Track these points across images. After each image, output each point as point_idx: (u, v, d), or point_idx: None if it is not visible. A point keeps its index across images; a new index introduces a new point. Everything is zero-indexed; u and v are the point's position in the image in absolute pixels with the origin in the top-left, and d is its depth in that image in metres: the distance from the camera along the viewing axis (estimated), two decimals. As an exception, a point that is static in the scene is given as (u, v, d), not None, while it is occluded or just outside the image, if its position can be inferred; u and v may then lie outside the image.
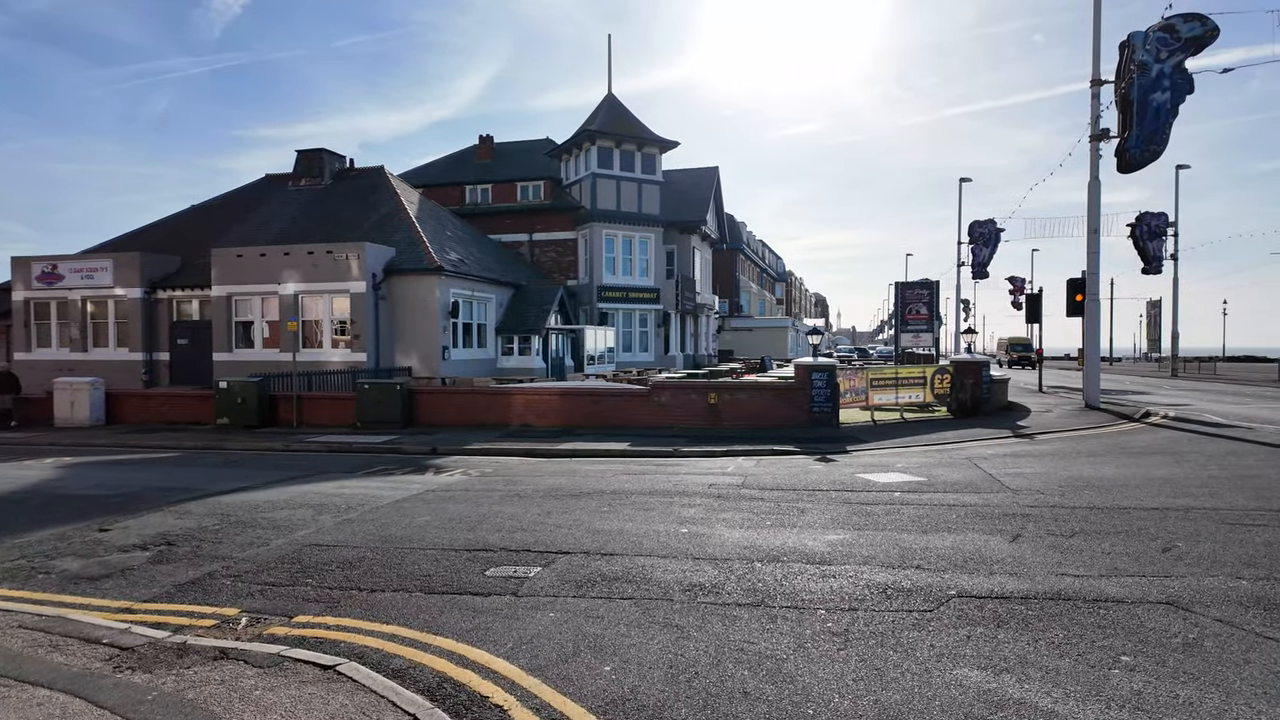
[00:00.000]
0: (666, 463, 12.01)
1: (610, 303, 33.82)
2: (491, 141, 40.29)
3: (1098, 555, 6.04)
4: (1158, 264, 38.92)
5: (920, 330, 35.67)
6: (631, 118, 34.70)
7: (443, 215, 31.20)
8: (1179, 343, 47.08)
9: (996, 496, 8.62)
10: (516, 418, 16.76)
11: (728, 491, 9.19)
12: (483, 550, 6.68)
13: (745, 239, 67.00)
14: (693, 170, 42.08)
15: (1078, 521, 7.20)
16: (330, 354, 24.04)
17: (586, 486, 9.67)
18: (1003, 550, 6.29)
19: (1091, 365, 21.10)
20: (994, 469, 10.65)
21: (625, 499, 8.76)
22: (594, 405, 16.45)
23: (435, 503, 8.85)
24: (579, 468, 11.48)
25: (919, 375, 18.99)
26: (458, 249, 27.69)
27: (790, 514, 7.85)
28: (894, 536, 6.83)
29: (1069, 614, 4.77)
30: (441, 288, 24.38)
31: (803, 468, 11.16)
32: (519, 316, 28.33)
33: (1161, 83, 18.13)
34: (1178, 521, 7.11)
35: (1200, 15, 17.92)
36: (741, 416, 16.23)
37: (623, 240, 34.10)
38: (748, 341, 58.88)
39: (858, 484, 9.64)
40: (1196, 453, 11.65)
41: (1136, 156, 18.60)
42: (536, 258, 34.93)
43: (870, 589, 5.38)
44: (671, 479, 10.21)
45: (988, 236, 43.17)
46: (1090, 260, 20.57)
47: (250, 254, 24.62)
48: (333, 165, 31.73)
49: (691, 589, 5.47)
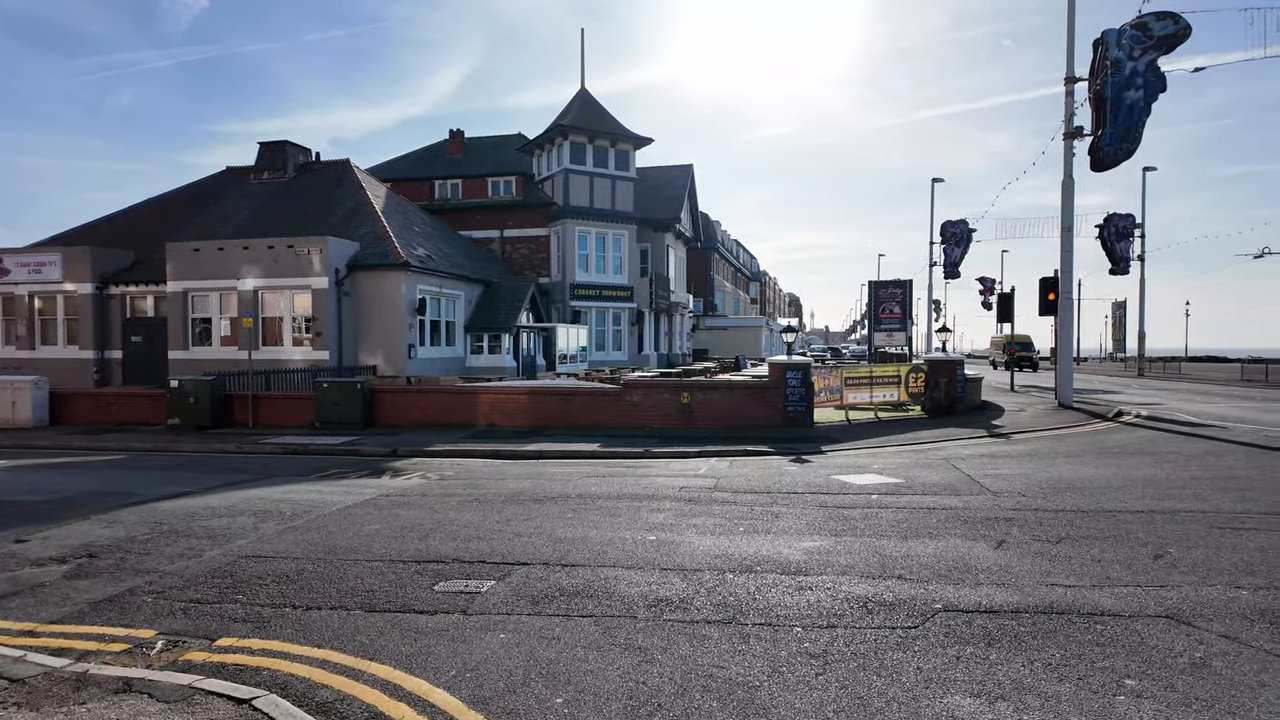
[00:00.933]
0: (637, 464, 11.57)
1: (583, 301, 33.30)
2: (462, 136, 39.52)
3: (1088, 563, 5.71)
4: (1125, 264, 39.41)
5: (893, 329, 35.67)
6: (605, 113, 34.20)
7: (410, 210, 30.45)
8: (1145, 343, 47.79)
9: (977, 499, 8.31)
10: (483, 418, 16.21)
11: (699, 495, 8.77)
12: (433, 562, 6.18)
13: (720, 238, 66.82)
14: (667, 168, 41.68)
15: (1063, 526, 6.89)
16: (291, 352, 23.24)
17: (551, 490, 9.19)
18: (988, 558, 5.93)
19: (1065, 364, 21.06)
20: (972, 470, 10.36)
21: (591, 504, 8.30)
22: (563, 405, 15.95)
23: (388, 509, 8.31)
24: (545, 470, 10.99)
25: (893, 374, 18.77)
26: (425, 245, 26.99)
27: (764, 519, 7.45)
28: (873, 543, 6.45)
29: (1064, 630, 4.41)
30: (408, 284, 23.70)
31: (777, 469, 10.79)
32: (489, 314, 27.70)
33: (1135, 81, 18.09)
34: (1166, 525, 6.82)
35: (1173, 14, 17.91)
36: (715, 416, 15.85)
37: (596, 237, 33.59)
38: (722, 341, 58.65)
39: (834, 486, 9.28)
40: (1175, 453, 11.48)
41: (1110, 155, 18.55)
42: (508, 255, 34.28)
43: (850, 603, 4.98)
44: (641, 482, 9.77)
45: (959, 237, 43.38)
46: (1064, 258, 20.51)
47: (208, 248, 23.73)
48: (296, 158, 30.82)
49: (658, 604, 5.02)
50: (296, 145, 30.92)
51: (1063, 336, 21.38)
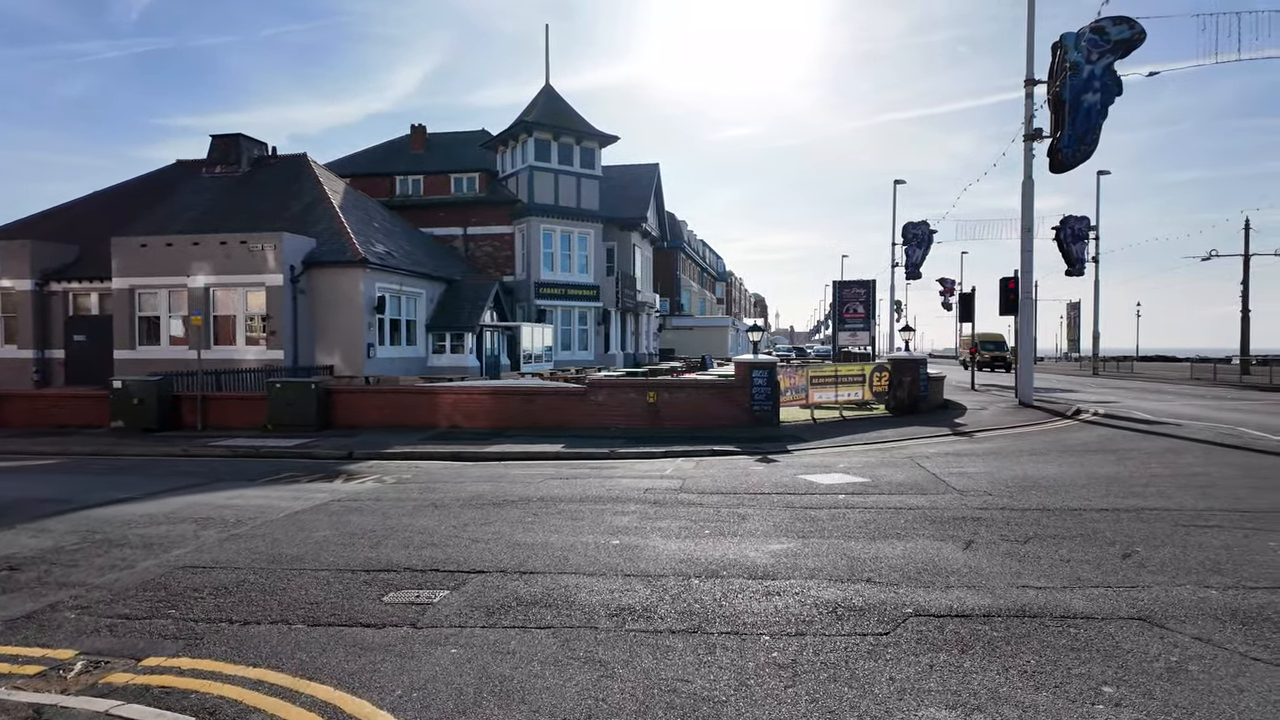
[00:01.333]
0: (602, 465, 11.32)
1: (548, 300, 32.93)
2: (424, 132, 38.81)
3: (1057, 563, 5.62)
4: (1080, 266, 40.27)
5: (857, 329, 35.95)
6: (570, 110, 33.86)
7: (370, 206, 29.76)
8: (1099, 343, 48.98)
9: (944, 498, 8.23)
10: (444, 419, 15.80)
11: (665, 497, 8.55)
12: (384, 571, 5.86)
13: (686, 238, 66.82)
14: (633, 166, 41.46)
15: (1031, 525, 6.82)
16: (245, 352, 22.52)
17: (512, 493, 8.89)
18: (957, 559, 5.82)
19: (1025, 363, 21.35)
20: (938, 468, 10.33)
21: (553, 507, 8.03)
22: (527, 405, 15.63)
23: (339, 514, 7.94)
24: (506, 472, 10.68)
25: (858, 373, 18.81)
26: (385, 241, 26.38)
27: (730, 521, 7.26)
28: (841, 545, 6.30)
29: (1037, 634, 4.28)
30: (366, 281, 23.11)
31: (744, 469, 10.63)
32: (451, 313, 27.19)
33: (1093, 84, 18.38)
34: (1132, 523, 6.80)
35: (1129, 19, 18.24)
36: (681, 416, 15.67)
37: (561, 235, 33.24)
38: (689, 340, 58.64)
39: (800, 486, 9.15)
40: (1135, 450, 11.61)
41: (1069, 156, 18.83)
42: (471, 252, 33.73)
43: (819, 608, 4.80)
44: (605, 483, 9.53)
45: (921, 238, 43.92)
46: (1024, 258, 20.79)
47: (155, 244, 22.85)
48: (251, 152, 29.91)
49: (620, 613, 4.79)
50: (251, 139, 30.00)
51: (1023, 336, 21.69)
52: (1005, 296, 23.86)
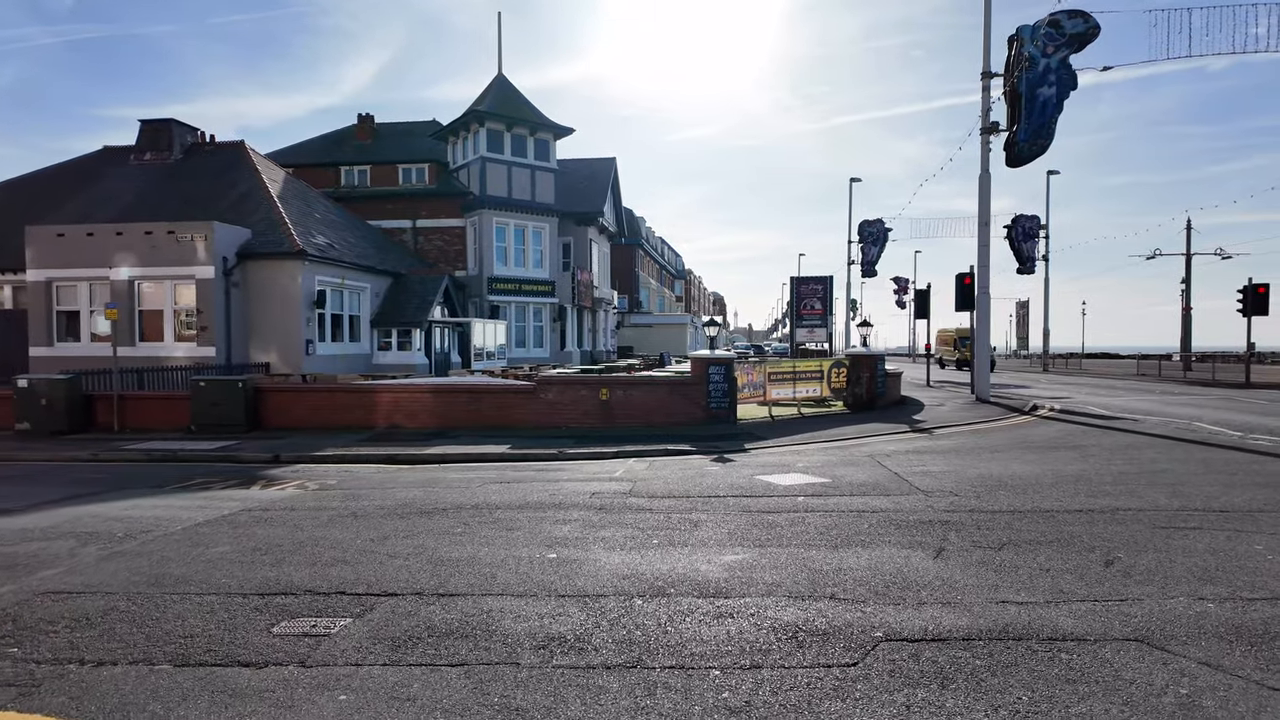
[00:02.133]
0: (548, 467, 10.60)
1: (502, 295, 31.97)
2: (372, 121, 37.46)
3: (1036, 573, 5.12)
4: (1031, 264, 40.97)
5: (815, 325, 35.80)
6: (524, 100, 32.93)
7: (312, 196, 28.44)
8: (1049, 340, 49.90)
9: (908, 500, 7.74)
10: (383, 419, 14.87)
11: (612, 501, 7.88)
12: (281, 594, 5.07)
13: (644, 235, 66.24)
14: (589, 160, 40.69)
15: (1003, 529, 6.34)
16: (173, 349, 21.17)
17: (445, 500, 8.12)
18: (928, 569, 5.28)
19: (982, 359, 21.24)
20: (899, 467, 9.87)
21: (487, 515, 7.29)
22: (473, 404, 14.80)
23: (246, 526, 7.08)
24: (443, 476, 9.88)
25: (816, 369, 18.42)
26: (327, 233, 25.17)
27: (682, 528, 6.63)
28: (801, 554, 5.72)
29: (1026, 662, 3.73)
30: (305, 274, 21.94)
31: (698, 470, 10.03)
32: (398, 308, 26.10)
33: (1048, 77, 18.28)
34: (1107, 526, 6.37)
35: (1083, 12, 18.18)
36: (635, 414, 15.02)
37: (515, 229, 32.30)
38: (647, 338, 58.09)
39: (758, 488, 8.57)
40: (1096, 446, 11.34)
41: (1025, 150, 18.72)
42: (421, 246, 32.58)
43: (777, 633, 4.19)
44: (549, 487, 8.82)
45: (876, 236, 44.11)
46: (980, 253, 20.66)
47: (75, 233, 21.34)
48: (184, 138, 28.33)
49: (548, 645, 4.10)
50: (184, 124, 28.42)
51: (980, 331, 21.58)
52: (961, 292, 23.78)
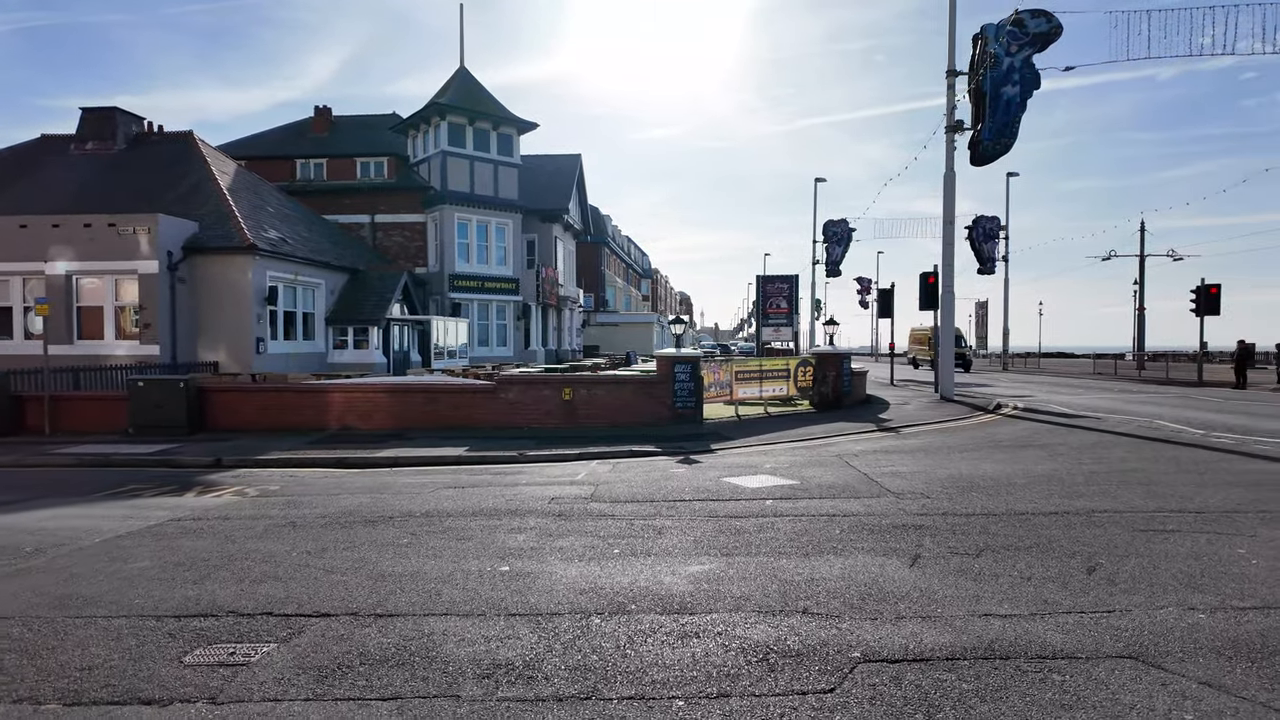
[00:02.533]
0: (506, 470, 10.14)
1: (464, 293, 31.25)
2: (329, 114, 36.40)
3: (1018, 582, 4.85)
4: (991, 264, 41.57)
5: (780, 324, 35.72)
6: (486, 94, 32.25)
7: (265, 190, 27.45)
8: (1009, 339, 50.69)
9: (879, 502, 7.47)
10: (335, 420, 14.24)
11: (573, 507, 7.47)
12: (200, 616, 4.57)
13: (611, 233, 65.79)
14: (554, 156, 40.10)
15: (978, 534, 6.08)
16: (115, 347, 20.18)
17: (393, 508, 7.63)
18: (904, 578, 4.98)
19: (946, 358, 21.27)
20: (868, 468, 9.63)
21: (438, 524, 6.83)
22: (430, 404, 14.24)
23: (172, 538, 6.52)
24: (394, 481, 9.37)
25: (782, 368, 18.21)
26: (280, 227, 24.27)
27: (645, 536, 6.25)
28: (771, 564, 5.38)
29: (1016, 685, 3.43)
30: (256, 270, 21.08)
31: (664, 472, 9.66)
32: (355, 305, 25.29)
33: (1012, 76, 18.32)
34: (1085, 529, 6.15)
35: (1046, 12, 18.26)
36: (599, 414, 14.62)
37: (477, 225, 31.60)
38: (613, 337, 57.65)
39: (725, 491, 8.24)
40: (1064, 445, 11.25)
41: (989, 148, 18.74)
42: (380, 242, 31.72)
43: (747, 654, 3.83)
44: (507, 492, 8.37)
45: (840, 236, 44.32)
46: (945, 251, 20.68)
47: (7, 225, 20.20)
48: (129, 128, 27.12)
49: (493, 673, 3.69)
50: (128, 113, 27.21)
51: (944, 329, 21.61)
52: (926, 291, 23.84)
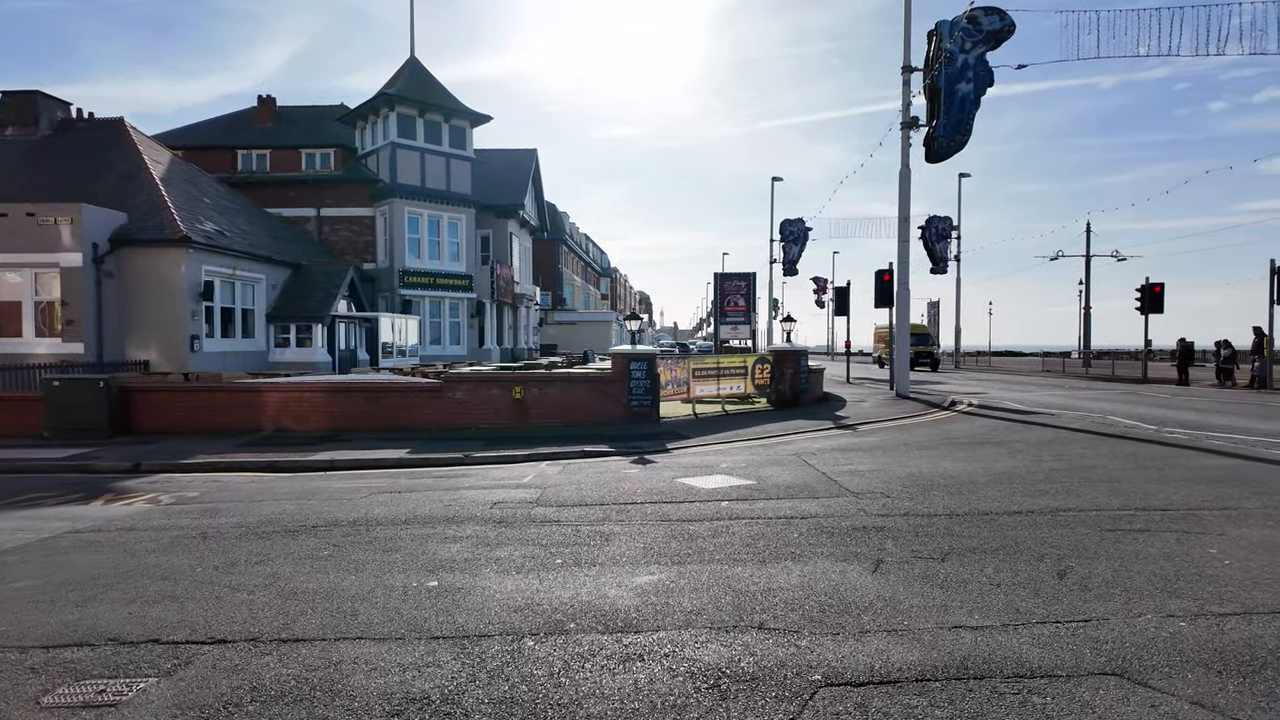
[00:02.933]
0: (450, 474, 9.58)
1: (415, 289, 30.35)
2: (274, 103, 35.02)
3: (987, 589, 4.53)
4: (944, 264, 42.18)
5: (739, 322, 35.59)
6: (438, 85, 31.38)
7: (203, 181, 26.21)
8: (961, 338, 51.52)
9: (839, 502, 7.15)
10: (270, 421, 13.45)
11: (515, 513, 6.98)
12: (75, 645, 3.97)
13: (569, 230, 65.10)
14: (509, 151, 39.30)
15: (943, 536, 5.78)
16: (35, 344, 18.96)
17: (319, 515, 7.03)
18: (867, 586, 4.62)
19: (902, 355, 21.28)
20: (826, 467, 9.33)
21: (365, 533, 6.27)
22: (372, 404, 13.55)
23: (65, 553, 5.84)
24: (326, 486, 8.74)
25: (740, 365, 17.93)
26: (218, 219, 23.14)
27: (591, 543, 5.80)
28: (725, 572, 4.98)
29: (994, 709, 3.07)
30: (190, 264, 20.01)
31: (616, 473, 9.22)
32: (298, 302, 24.27)
33: (966, 73, 18.35)
34: (1051, 529, 5.90)
35: (999, 10, 18.33)
36: (552, 413, 14.11)
37: (429, 220, 30.73)
38: (571, 335, 57.01)
39: (679, 492, 7.83)
40: (1021, 442, 11.14)
41: (944, 145, 18.75)
42: (326, 236, 30.62)
43: (696, 681, 3.41)
44: (446, 497, 7.83)
45: (797, 235, 44.51)
46: (901, 249, 20.66)
47: (-87, 213, 18.76)
48: (53, 113, 25.61)
49: (404, 710, 3.20)
50: (53, 98, 25.70)
51: (900, 327, 21.62)
52: (881, 289, 23.89)
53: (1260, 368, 23.04)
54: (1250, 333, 23.92)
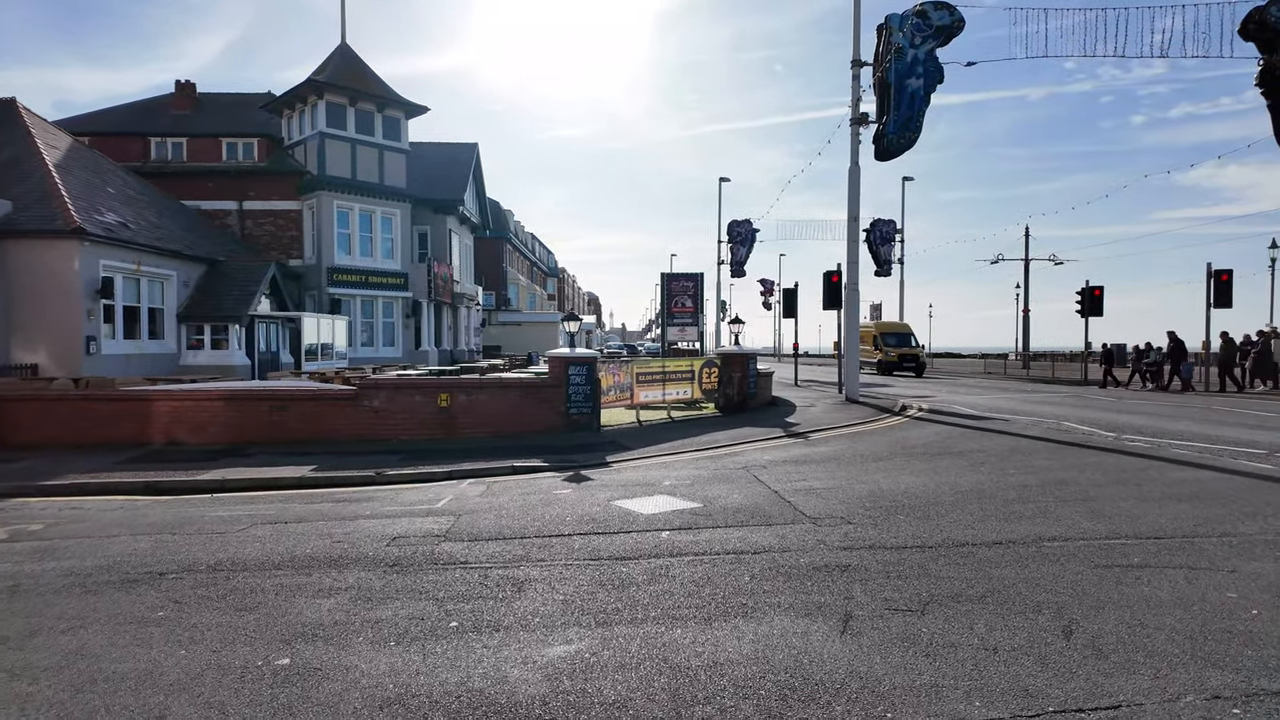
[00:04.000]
0: (354, 496, 8.39)
1: (345, 288, 28.65)
2: (193, 89, 32.81)
3: (983, 657, 3.66)
4: (888, 267, 42.30)
5: (686, 324, 34.82)
6: (370, 73, 29.74)
7: (107, 169, 24.11)
8: (906, 339, 51.92)
9: (795, 531, 6.26)
10: (162, 432, 11.97)
11: (416, 551, 5.88)
12: None
13: (513, 229, 63.54)
14: (448, 145, 37.69)
15: (917, 577, 4.93)
16: (-101, 347, 16.86)
17: (177, 557, 5.81)
18: (836, 656, 3.71)
19: (851, 358, 20.74)
20: (779, 484, 8.48)
21: (224, 583, 5.10)
22: (277, 414, 12.18)
23: None
24: (203, 514, 7.46)
25: (686, 369, 17.06)
26: (122, 210, 21.20)
27: (500, 595, 4.76)
28: (662, 637, 4.01)
29: None
30: (85, 258, 18.15)
31: (546, 495, 8.18)
32: (214, 300, 22.45)
33: (916, 69, 17.87)
34: (1039, 564, 5.11)
35: (949, 5, 17.91)
36: (482, 422, 12.97)
37: (360, 215, 29.06)
38: (516, 337, 55.51)
39: (614, 519, 6.84)
40: (981, 451, 10.49)
41: (893, 142, 18.25)
42: (249, 230, 28.66)
43: (615, 828, 2.43)
44: (339, 529, 6.67)
45: (744, 236, 44.09)
46: (850, 248, 20.12)
47: None
48: (-67, 90, 23.13)
49: None
50: (-67, 73, 23.22)
51: (849, 329, 21.09)
52: (829, 290, 23.33)
53: (1187, 370, 23.48)
54: (1166, 337, 24.34)
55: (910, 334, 38.31)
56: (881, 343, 37.15)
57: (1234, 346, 23.67)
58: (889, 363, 35.43)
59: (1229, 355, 23.39)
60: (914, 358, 35.72)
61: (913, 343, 37.38)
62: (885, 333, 38.20)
